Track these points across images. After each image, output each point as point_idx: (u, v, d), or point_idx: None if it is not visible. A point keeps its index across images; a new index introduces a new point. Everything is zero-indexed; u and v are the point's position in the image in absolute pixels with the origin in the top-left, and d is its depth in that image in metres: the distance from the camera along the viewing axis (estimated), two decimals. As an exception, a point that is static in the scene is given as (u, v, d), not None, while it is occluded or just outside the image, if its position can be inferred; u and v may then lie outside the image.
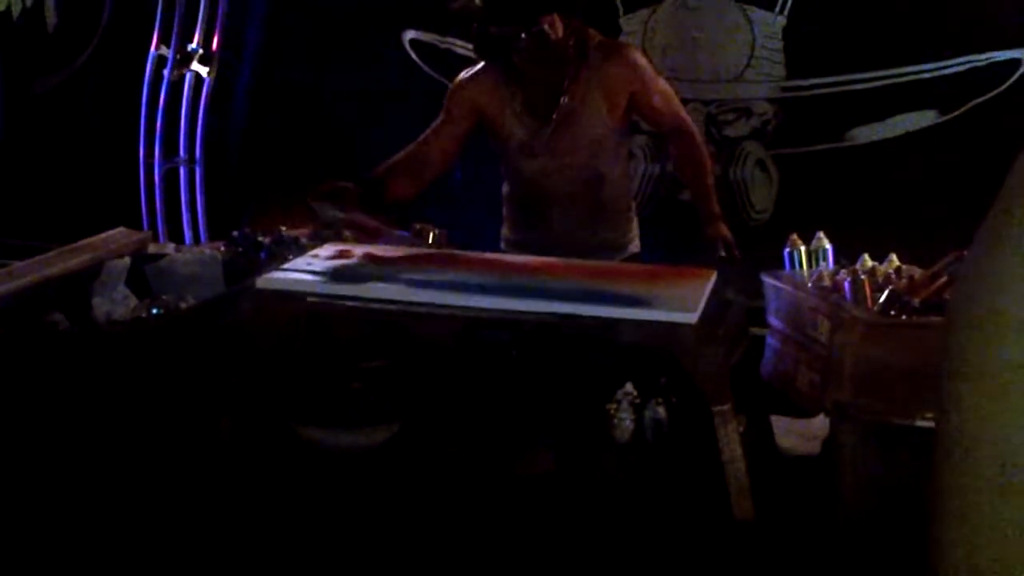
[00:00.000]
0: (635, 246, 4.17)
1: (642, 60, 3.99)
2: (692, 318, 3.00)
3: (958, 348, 1.56)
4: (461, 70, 5.47)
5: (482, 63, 4.01)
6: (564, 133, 3.91)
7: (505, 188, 4.18)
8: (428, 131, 4.05)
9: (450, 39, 5.79)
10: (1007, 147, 5.34)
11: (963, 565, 1.51)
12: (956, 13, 5.33)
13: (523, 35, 3.73)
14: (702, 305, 3.09)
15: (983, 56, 5.32)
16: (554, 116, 3.89)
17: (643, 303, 3.08)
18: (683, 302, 3.09)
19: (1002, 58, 5.29)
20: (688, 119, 4.06)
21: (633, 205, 4.23)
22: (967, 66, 5.36)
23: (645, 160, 5.56)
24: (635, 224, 4.18)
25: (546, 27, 3.72)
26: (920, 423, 2.90)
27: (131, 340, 3.40)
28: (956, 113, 5.37)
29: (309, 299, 3.23)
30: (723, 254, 3.73)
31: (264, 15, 6.00)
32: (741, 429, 3.08)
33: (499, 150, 4.07)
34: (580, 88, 3.87)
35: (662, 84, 4.01)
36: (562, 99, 3.87)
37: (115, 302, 3.54)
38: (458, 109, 4.01)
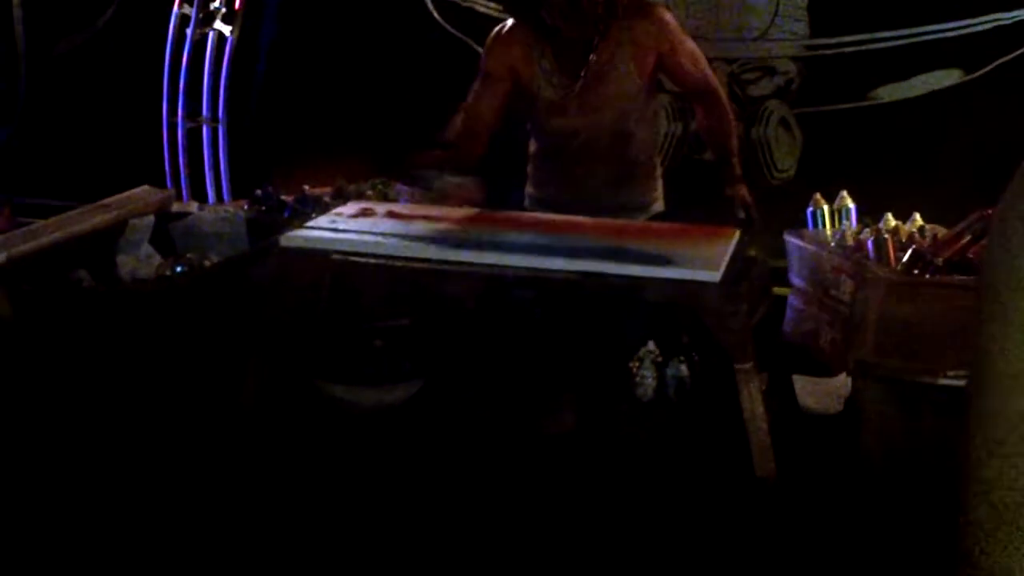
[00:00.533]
0: (659, 205, 4.15)
1: (671, 20, 3.96)
2: (715, 277, 3.00)
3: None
4: (482, 28, 5.45)
5: (511, 21, 3.98)
6: (593, 91, 3.89)
7: (532, 146, 4.16)
8: (472, 93, 3.99)
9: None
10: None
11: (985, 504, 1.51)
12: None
13: None
14: (725, 264, 3.09)
15: (1010, 14, 5.27)
16: (583, 74, 3.87)
17: (667, 262, 3.08)
18: (707, 261, 3.09)
19: (1029, 16, 5.25)
20: (715, 81, 4.05)
21: (658, 164, 4.21)
22: (992, 24, 5.32)
23: (668, 119, 5.53)
24: (660, 183, 4.16)
25: None
26: (943, 381, 2.91)
27: (156, 298, 3.43)
28: (981, 72, 5.33)
29: (333, 256, 3.24)
30: (741, 215, 3.70)
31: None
32: (763, 387, 3.08)
33: (528, 107, 4.04)
34: (609, 46, 3.85)
35: (690, 45, 3.99)
36: (591, 57, 3.85)
37: (140, 260, 3.57)
38: (496, 68, 3.96)
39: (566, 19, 3.74)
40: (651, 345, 3.34)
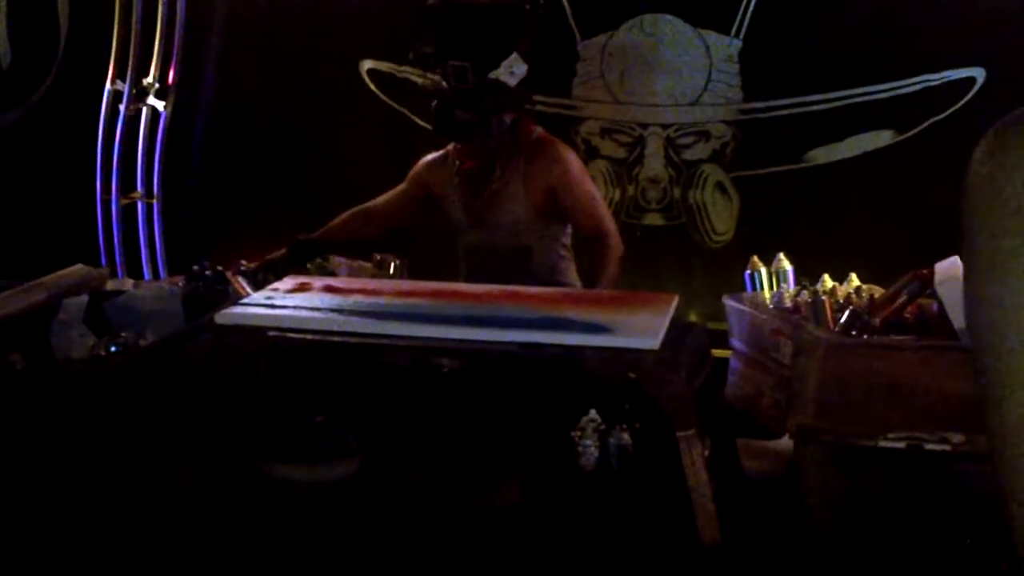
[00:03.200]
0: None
1: (569, 159, 4.33)
2: (654, 344, 3.00)
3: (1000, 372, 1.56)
4: (419, 99, 5.50)
5: (440, 152, 4.48)
6: (489, 212, 4.31)
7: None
8: (393, 191, 4.60)
9: (407, 68, 5.78)
10: (965, 165, 5.38)
11: None
12: (910, 33, 5.36)
13: (476, 122, 4.16)
14: (663, 331, 3.08)
15: (937, 75, 5.35)
16: (483, 195, 4.30)
17: (604, 330, 3.07)
18: (644, 328, 3.08)
19: (957, 76, 5.32)
20: (609, 225, 4.34)
21: (567, 269, 4.44)
22: (921, 85, 5.39)
23: (607, 184, 5.56)
24: (572, 276, 4.44)
25: (496, 119, 4.16)
26: (883, 443, 2.92)
27: (90, 379, 3.37)
28: (913, 132, 5.39)
29: (269, 333, 3.21)
30: None
31: (220, 48, 5.97)
32: (706, 453, 3.07)
33: (447, 226, 4.49)
34: (507, 176, 4.27)
35: (588, 187, 4.36)
36: (490, 183, 4.28)
37: (73, 340, 3.51)
38: (413, 180, 4.55)
39: (478, 145, 4.25)
40: (593, 414, 3.32)
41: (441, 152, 4.51)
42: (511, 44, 4.13)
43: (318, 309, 3.33)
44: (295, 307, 3.33)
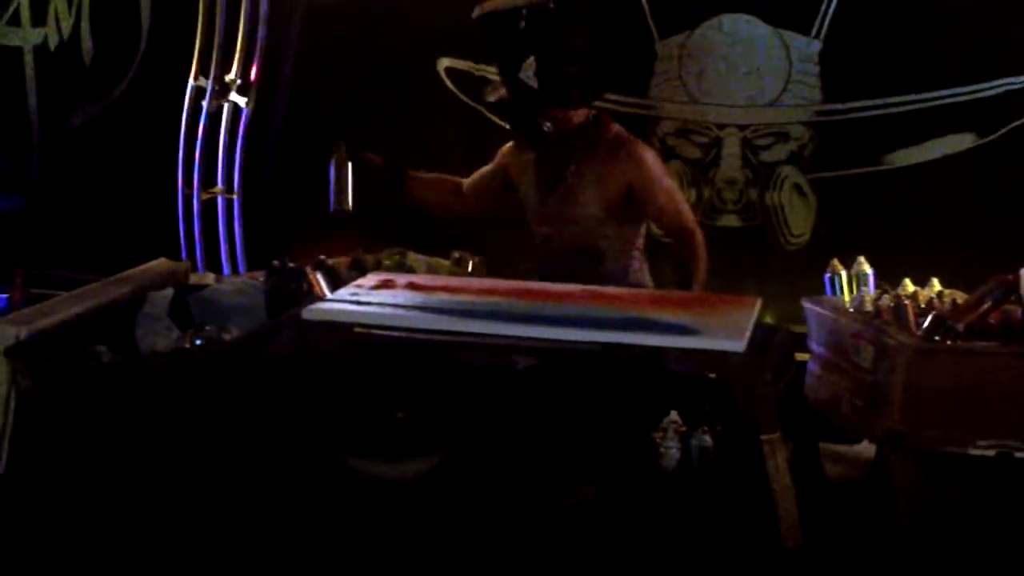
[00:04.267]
0: None
1: (647, 157, 4.30)
2: (740, 346, 2.99)
3: None
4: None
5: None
6: (562, 206, 4.29)
7: None
8: (480, 170, 4.62)
9: (484, 66, 5.79)
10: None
11: None
12: (992, 36, 5.30)
13: (548, 119, 4.19)
14: (749, 333, 3.07)
15: (1019, 79, 5.29)
16: (556, 190, 4.29)
17: (690, 331, 3.07)
18: (730, 330, 3.08)
19: (1041, 80, 5.26)
20: (691, 220, 4.33)
21: (641, 271, 4.40)
22: (1004, 88, 5.33)
23: (683, 185, 5.53)
24: (646, 279, 4.41)
25: (569, 114, 4.21)
26: (972, 451, 2.89)
27: (175, 372, 3.41)
28: (994, 136, 5.33)
29: (355, 329, 3.24)
30: None
31: (301, 45, 6.01)
32: (789, 456, 3.06)
33: (522, 214, 4.48)
34: (581, 169, 4.26)
35: (667, 183, 4.34)
36: (565, 176, 4.27)
37: (158, 333, 3.55)
38: (497, 165, 4.56)
39: (553, 141, 4.25)
40: (674, 415, 3.32)
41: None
42: (532, 44, 4.16)
43: (403, 307, 3.36)
44: (380, 304, 3.36)
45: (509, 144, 4.53)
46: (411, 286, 3.60)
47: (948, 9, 5.35)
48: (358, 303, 3.36)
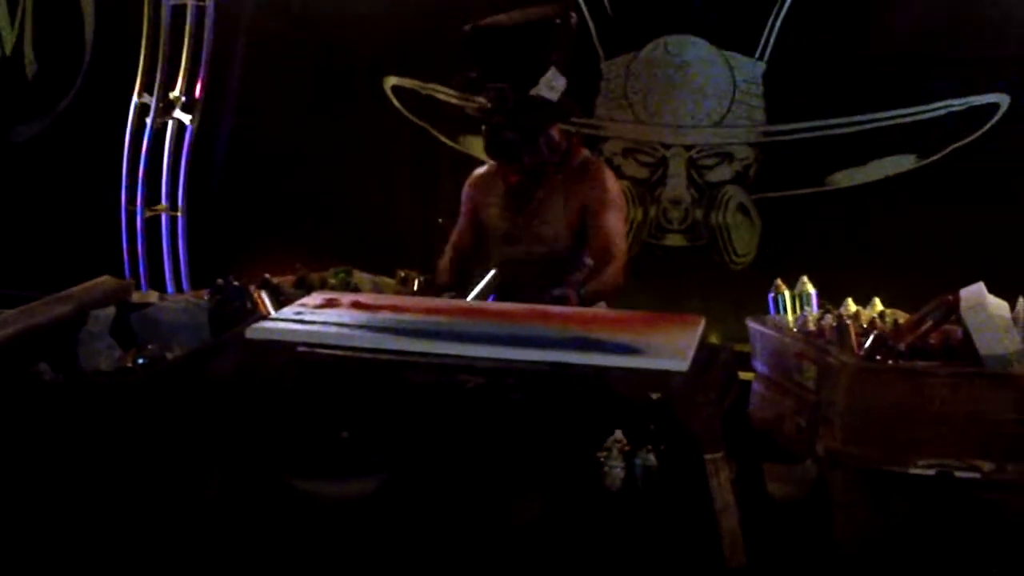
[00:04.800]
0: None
1: (609, 186, 4.39)
2: (683, 365, 3.00)
3: None
4: (443, 114, 5.50)
5: (483, 168, 4.56)
6: (530, 225, 4.36)
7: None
8: (455, 231, 4.64)
9: (432, 85, 5.80)
10: (988, 189, 5.39)
11: None
12: (934, 58, 5.37)
13: (523, 141, 4.24)
14: (692, 352, 3.08)
15: (961, 100, 5.36)
16: (525, 210, 4.36)
17: (634, 351, 3.08)
18: (674, 349, 3.09)
19: (981, 102, 5.32)
20: (623, 249, 4.41)
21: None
22: (945, 110, 5.40)
23: (629, 203, 5.56)
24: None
25: (552, 134, 4.29)
26: (912, 470, 2.91)
27: (117, 391, 3.37)
28: (935, 157, 5.40)
29: (299, 348, 3.22)
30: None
31: (246, 62, 5.99)
32: (732, 476, 3.07)
33: (485, 238, 4.53)
34: (548, 188, 4.33)
35: (617, 208, 4.39)
36: (534, 197, 4.35)
37: (100, 352, 3.52)
38: (466, 206, 4.60)
39: (529, 162, 4.29)
40: (618, 434, 3.32)
41: (487, 167, 4.58)
42: (546, 59, 4.19)
43: (347, 325, 3.34)
44: (324, 323, 3.34)
45: (469, 183, 4.59)
46: (356, 305, 3.58)
47: (890, 32, 5.42)
48: (302, 322, 3.34)
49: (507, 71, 4.18)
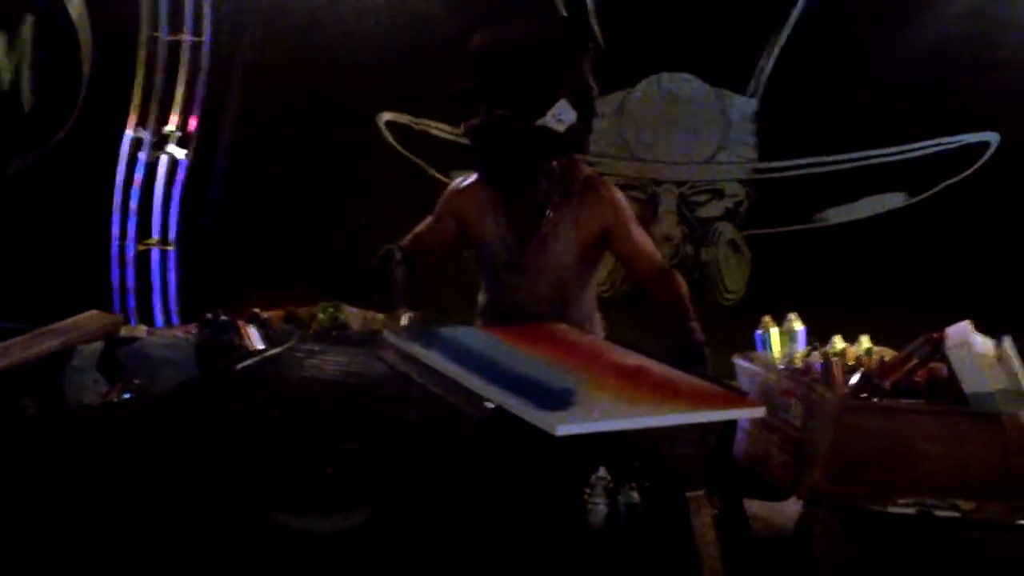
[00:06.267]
0: None
1: (621, 200, 4.10)
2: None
3: None
4: (436, 150, 5.49)
5: (472, 178, 4.13)
6: (536, 256, 4.07)
7: (483, 287, 4.23)
8: (422, 227, 4.16)
9: (424, 120, 5.83)
10: (977, 228, 5.39)
11: None
12: (925, 97, 5.40)
13: (523, 172, 3.88)
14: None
15: (952, 139, 5.39)
16: (532, 239, 4.04)
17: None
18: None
19: (972, 140, 5.35)
20: (666, 263, 4.16)
21: (597, 317, 4.28)
22: (936, 148, 5.42)
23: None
24: (600, 326, 4.25)
25: (545, 168, 3.89)
26: (893, 509, 2.91)
27: (102, 425, 3.38)
28: (925, 195, 5.42)
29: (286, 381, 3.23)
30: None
31: (241, 97, 6.02)
32: (715, 513, 3.06)
33: (479, 261, 4.21)
34: (556, 217, 4.02)
35: (638, 226, 4.09)
36: (541, 224, 4.03)
37: (86, 387, 3.52)
38: (445, 214, 4.15)
39: (532, 190, 3.94)
40: (602, 471, 3.32)
41: (472, 176, 4.17)
42: (558, 89, 3.86)
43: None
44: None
45: (453, 192, 4.20)
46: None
47: (881, 71, 5.45)
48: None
49: (514, 98, 3.84)
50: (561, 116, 3.85)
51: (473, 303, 4.33)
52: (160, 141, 5.87)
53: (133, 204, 5.86)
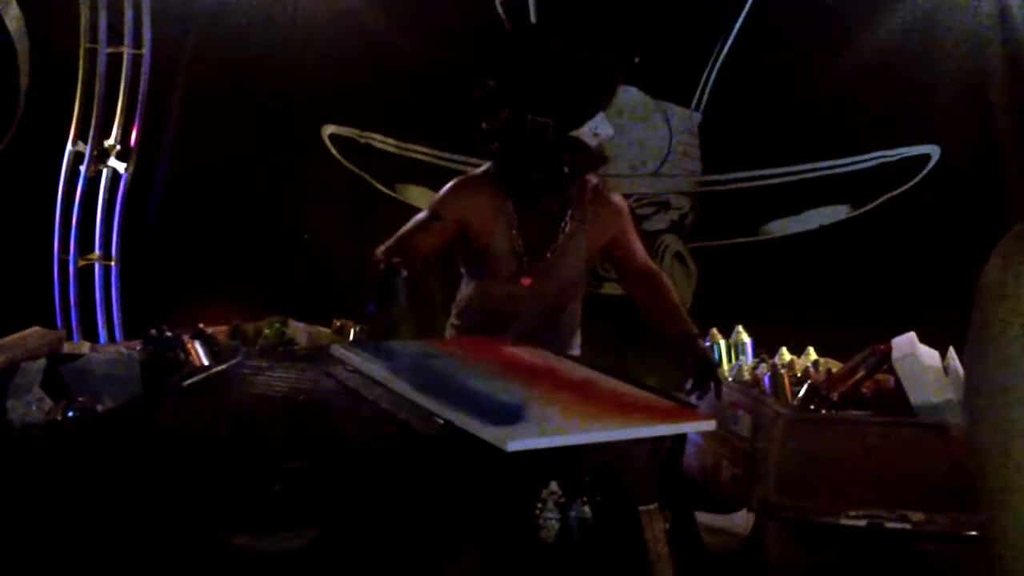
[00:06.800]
0: (576, 351, 4.16)
1: (626, 205, 4.05)
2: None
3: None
4: (379, 163, 5.46)
5: (478, 172, 3.98)
6: (551, 268, 3.95)
7: (467, 288, 4.14)
8: (415, 223, 3.89)
9: (369, 133, 5.81)
10: (920, 239, 5.45)
11: None
12: (868, 110, 5.46)
13: (546, 182, 3.74)
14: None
15: (894, 152, 5.44)
16: (548, 254, 3.93)
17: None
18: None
19: (912, 153, 5.41)
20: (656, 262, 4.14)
21: (576, 321, 4.21)
22: (877, 161, 5.48)
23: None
24: (578, 335, 4.19)
25: (570, 180, 3.76)
26: (845, 521, 2.92)
27: (46, 444, 3.33)
28: (869, 207, 5.47)
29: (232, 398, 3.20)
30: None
31: (183, 110, 5.97)
32: (666, 526, 3.06)
33: (473, 264, 4.07)
34: (572, 229, 3.92)
35: (635, 230, 4.05)
36: (558, 237, 3.92)
37: (30, 405, 3.47)
38: (447, 215, 3.90)
39: (546, 199, 3.81)
40: (554, 486, 3.31)
41: (477, 174, 3.99)
42: (599, 104, 3.73)
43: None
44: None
45: (457, 191, 3.97)
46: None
47: (824, 84, 5.50)
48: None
49: (554, 106, 3.65)
50: (598, 130, 3.73)
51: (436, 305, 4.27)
52: (101, 155, 5.79)
53: (74, 219, 5.79)
